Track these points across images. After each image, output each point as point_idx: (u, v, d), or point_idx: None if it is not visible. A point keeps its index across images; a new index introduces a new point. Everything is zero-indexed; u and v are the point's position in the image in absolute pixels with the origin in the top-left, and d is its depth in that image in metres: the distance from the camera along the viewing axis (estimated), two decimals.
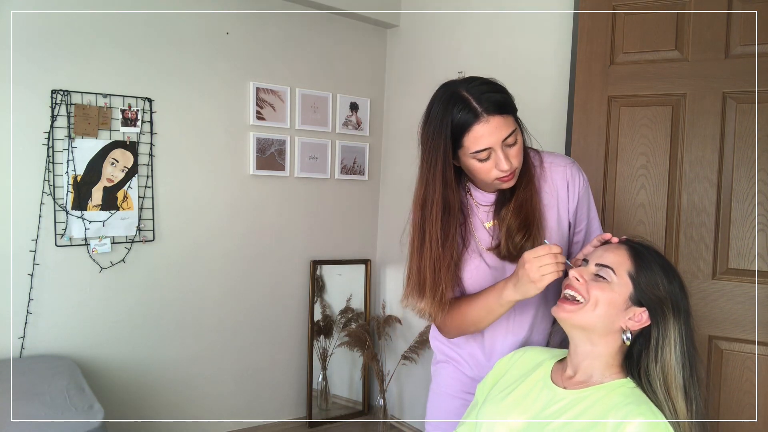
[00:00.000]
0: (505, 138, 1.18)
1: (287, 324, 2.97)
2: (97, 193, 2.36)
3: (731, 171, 1.76)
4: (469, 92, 1.18)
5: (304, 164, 2.94)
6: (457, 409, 1.45)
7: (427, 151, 1.23)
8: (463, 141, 1.18)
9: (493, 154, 1.19)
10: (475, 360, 1.43)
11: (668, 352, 1.05)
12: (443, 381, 1.49)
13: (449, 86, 1.23)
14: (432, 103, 1.24)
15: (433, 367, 1.55)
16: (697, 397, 1.04)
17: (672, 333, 1.05)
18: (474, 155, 1.19)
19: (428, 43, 2.98)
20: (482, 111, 1.16)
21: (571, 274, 1.12)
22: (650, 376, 1.04)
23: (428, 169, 1.23)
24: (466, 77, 1.24)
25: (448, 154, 1.21)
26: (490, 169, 1.21)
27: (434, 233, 1.24)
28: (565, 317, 1.10)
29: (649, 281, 1.07)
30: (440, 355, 1.51)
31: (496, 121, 1.17)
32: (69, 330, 2.35)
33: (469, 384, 1.45)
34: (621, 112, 1.93)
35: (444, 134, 1.19)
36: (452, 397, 1.47)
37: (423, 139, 1.24)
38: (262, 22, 2.76)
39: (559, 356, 1.21)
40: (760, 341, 1.71)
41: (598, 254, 1.13)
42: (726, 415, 1.75)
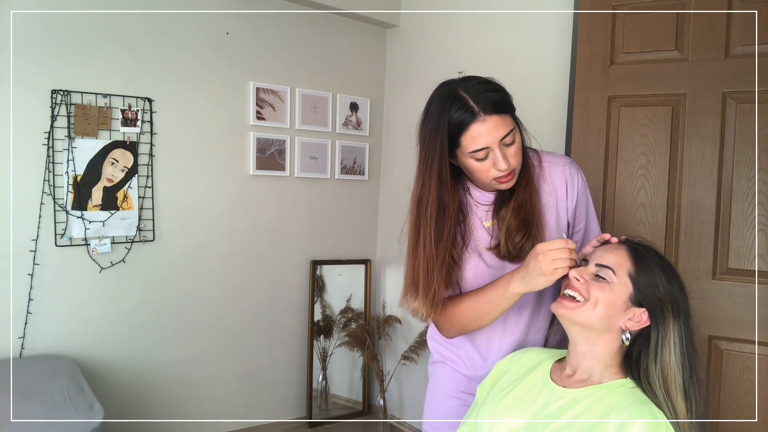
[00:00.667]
0: (503, 137, 1.18)
1: (287, 324, 2.97)
2: (97, 193, 2.36)
3: (731, 171, 1.76)
4: (467, 91, 1.18)
5: (304, 164, 2.94)
6: (454, 409, 1.45)
7: (424, 150, 1.23)
8: (460, 140, 1.18)
9: (491, 154, 1.19)
10: (472, 360, 1.43)
11: (668, 352, 1.05)
12: (440, 381, 1.49)
13: (447, 85, 1.23)
14: (430, 102, 1.24)
15: (430, 368, 1.54)
16: (697, 398, 1.04)
17: (671, 334, 1.05)
18: (471, 155, 1.19)
19: (428, 43, 2.98)
20: (479, 110, 1.16)
21: (571, 274, 1.12)
22: (650, 376, 1.04)
23: (425, 169, 1.23)
24: (465, 76, 1.24)
25: (444, 154, 1.20)
26: (488, 168, 1.20)
27: (428, 233, 1.24)
28: (564, 314, 1.11)
29: (648, 282, 1.07)
30: (437, 356, 1.51)
31: (493, 120, 1.17)
32: (69, 330, 2.35)
33: (466, 384, 1.45)
34: (621, 112, 1.93)
35: (441, 133, 1.19)
36: (449, 396, 1.47)
37: (420, 138, 1.24)
38: (262, 22, 2.76)
39: (559, 356, 1.21)
40: (760, 341, 1.71)
41: (598, 254, 1.13)
42: (726, 415, 1.75)
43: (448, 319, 1.33)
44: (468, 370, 1.44)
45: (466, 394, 1.45)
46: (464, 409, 1.43)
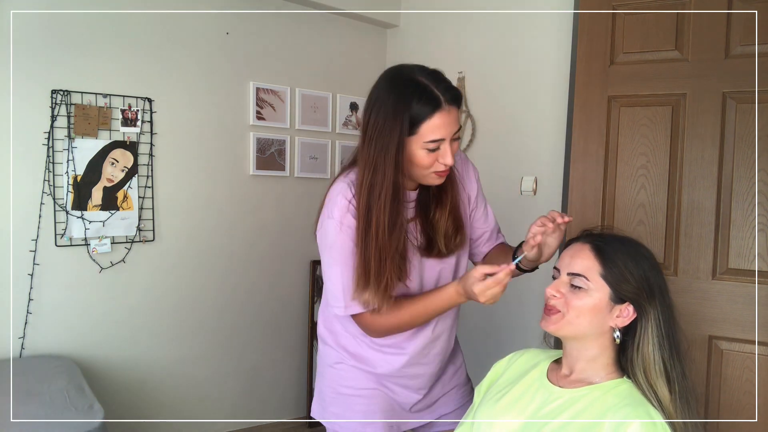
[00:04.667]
0: (455, 131, 1.19)
1: (287, 324, 2.97)
2: (97, 193, 2.36)
3: (731, 171, 1.75)
4: (427, 79, 1.17)
5: (304, 164, 2.94)
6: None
7: (378, 134, 1.18)
8: (419, 128, 1.17)
9: (442, 146, 1.19)
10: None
11: (646, 337, 1.05)
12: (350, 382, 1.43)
13: (401, 72, 1.21)
14: (380, 87, 1.21)
15: (333, 369, 1.45)
16: (679, 377, 1.04)
17: (650, 317, 1.06)
18: (426, 144, 1.18)
19: (428, 43, 2.98)
20: (444, 101, 1.16)
21: (549, 292, 1.11)
22: (635, 368, 1.05)
23: (378, 154, 1.19)
24: (413, 65, 1.22)
25: (403, 139, 1.17)
26: (432, 162, 1.20)
27: (381, 220, 1.20)
28: (554, 330, 1.11)
29: (619, 277, 1.07)
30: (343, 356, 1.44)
31: (454, 112, 1.18)
32: (69, 330, 2.34)
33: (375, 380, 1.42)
34: (621, 112, 1.93)
35: (401, 119, 1.16)
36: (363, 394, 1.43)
37: (372, 123, 1.20)
38: (262, 22, 2.76)
39: (556, 356, 1.21)
40: (760, 341, 1.71)
41: (565, 262, 1.12)
42: (726, 415, 1.75)
43: (384, 318, 1.28)
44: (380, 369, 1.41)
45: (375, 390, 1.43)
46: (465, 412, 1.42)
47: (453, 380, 1.52)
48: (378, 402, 1.40)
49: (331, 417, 1.44)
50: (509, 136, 2.61)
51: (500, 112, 2.66)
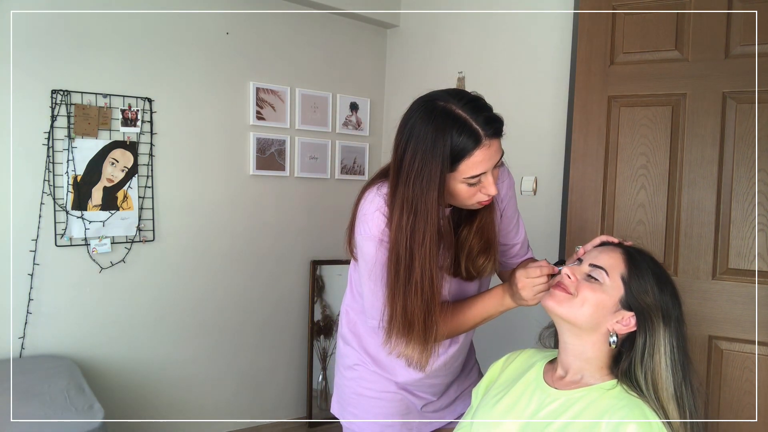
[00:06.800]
0: (498, 162, 1.13)
1: (287, 324, 2.97)
2: (97, 193, 2.36)
3: (731, 171, 1.76)
4: (465, 112, 1.08)
5: (304, 164, 2.94)
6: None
7: (416, 175, 1.08)
8: (459, 165, 1.08)
9: (483, 179, 1.12)
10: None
11: (657, 358, 1.04)
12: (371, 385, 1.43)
13: (436, 102, 1.10)
14: (414, 119, 1.10)
15: (353, 371, 1.45)
16: (692, 407, 1.03)
17: (662, 341, 1.05)
18: (466, 180, 1.11)
19: (428, 43, 2.98)
20: (484, 135, 1.07)
21: (564, 271, 1.12)
22: (638, 380, 1.04)
23: (418, 197, 1.09)
24: (449, 91, 1.13)
25: (443, 180, 1.09)
26: (474, 193, 1.14)
27: (426, 271, 1.11)
28: (551, 306, 1.11)
29: (640, 287, 1.07)
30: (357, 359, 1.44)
31: (495, 145, 1.10)
32: (69, 330, 2.34)
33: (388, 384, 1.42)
34: (621, 112, 1.93)
35: (439, 159, 1.07)
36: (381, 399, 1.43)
37: (408, 160, 1.09)
38: (262, 22, 2.76)
39: (551, 356, 1.22)
40: (760, 341, 1.71)
41: (593, 255, 1.13)
42: (726, 415, 1.75)
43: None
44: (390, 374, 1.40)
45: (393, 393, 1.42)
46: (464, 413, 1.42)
47: (468, 379, 1.52)
48: (397, 405, 1.40)
49: (350, 417, 1.43)
50: (509, 136, 2.60)
51: (500, 112, 2.65)
